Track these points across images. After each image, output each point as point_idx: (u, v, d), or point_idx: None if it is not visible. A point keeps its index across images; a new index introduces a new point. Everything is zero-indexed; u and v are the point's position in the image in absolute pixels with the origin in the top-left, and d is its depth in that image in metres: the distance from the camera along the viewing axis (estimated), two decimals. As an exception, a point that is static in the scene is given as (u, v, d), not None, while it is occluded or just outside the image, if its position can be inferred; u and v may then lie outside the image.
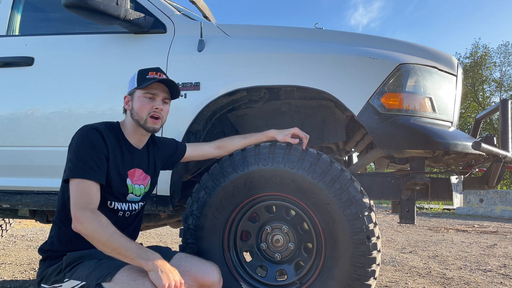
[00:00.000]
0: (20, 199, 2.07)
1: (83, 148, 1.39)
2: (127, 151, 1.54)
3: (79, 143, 1.40)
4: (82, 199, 1.32)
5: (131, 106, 1.53)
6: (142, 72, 1.52)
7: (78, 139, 1.41)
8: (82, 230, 1.30)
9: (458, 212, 10.18)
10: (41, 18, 2.45)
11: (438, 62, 1.84)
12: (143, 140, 1.61)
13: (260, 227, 1.81)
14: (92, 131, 1.43)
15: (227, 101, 1.92)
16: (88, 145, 1.39)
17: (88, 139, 1.40)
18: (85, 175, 1.35)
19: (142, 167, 1.60)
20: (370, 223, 1.62)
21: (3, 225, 3.69)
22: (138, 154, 1.59)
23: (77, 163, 1.36)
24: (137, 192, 1.58)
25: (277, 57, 1.81)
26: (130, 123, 1.54)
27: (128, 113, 1.55)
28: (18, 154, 2.07)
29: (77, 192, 1.34)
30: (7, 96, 2.11)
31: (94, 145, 1.40)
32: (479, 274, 3.12)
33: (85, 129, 1.44)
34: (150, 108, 1.50)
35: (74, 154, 1.38)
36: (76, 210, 1.31)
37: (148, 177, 1.63)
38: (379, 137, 1.68)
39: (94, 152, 1.39)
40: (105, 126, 1.49)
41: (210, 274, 1.52)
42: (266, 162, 1.70)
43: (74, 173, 1.35)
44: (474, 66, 23.67)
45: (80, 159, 1.37)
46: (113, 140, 1.49)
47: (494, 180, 1.95)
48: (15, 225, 4.66)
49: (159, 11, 2.02)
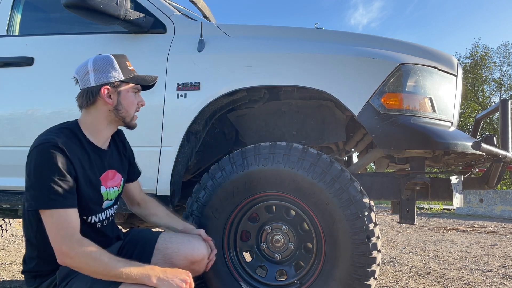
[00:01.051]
0: (20, 199, 2.07)
1: (45, 173, 1.19)
2: (95, 155, 1.38)
3: (39, 167, 1.20)
4: (62, 231, 1.19)
5: (117, 101, 1.36)
6: (120, 61, 1.39)
7: (37, 162, 1.21)
8: (73, 264, 1.19)
9: (458, 212, 10.17)
10: (41, 18, 2.45)
11: (438, 62, 1.84)
12: (109, 137, 1.46)
13: (260, 227, 1.81)
14: (51, 151, 1.21)
15: (227, 101, 1.92)
16: (51, 169, 1.20)
17: (50, 162, 1.20)
18: (56, 205, 1.19)
19: (114, 166, 1.48)
20: (370, 223, 1.62)
21: (3, 225, 3.69)
22: (107, 154, 1.45)
23: (43, 191, 1.18)
24: (112, 196, 1.46)
25: (277, 57, 1.81)
26: (104, 119, 1.38)
27: (103, 107, 1.36)
28: (18, 154, 2.06)
29: (54, 225, 1.19)
30: (7, 96, 2.10)
31: (57, 168, 1.20)
32: (479, 274, 3.12)
33: (42, 147, 1.22)
34: (136, 103, 1.43)
35: (36, 180, 1.19)
36: (60, 244, 1.18)
37: (120, 177, 1.51)
38: (379, 137, 1.68)
39: (59, 176, 1.21)
40: (64, 137, 1.28)
41: (198, 249, 1.51)
42: (266, 162, 1.70)
43: (42, 204, 1.19)
44: (474, 66, 23.67)
45: (45, 186, 1.18)
46: (76, 149, 1.30)
47: (494, 180, 1.95)
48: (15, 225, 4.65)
49: (159, 11, 2.02)
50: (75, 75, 1.38)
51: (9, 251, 3.89)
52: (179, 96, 1.85)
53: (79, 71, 1.37)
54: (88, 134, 1.38)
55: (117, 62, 1.38)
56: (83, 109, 1.39)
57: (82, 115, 1.41)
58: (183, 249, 1.49)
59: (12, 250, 3.95)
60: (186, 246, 1.51)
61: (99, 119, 1.38)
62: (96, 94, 1.35)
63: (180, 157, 1.88)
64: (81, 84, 1.36)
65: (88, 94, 1.35)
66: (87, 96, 1.35)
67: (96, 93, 1.35)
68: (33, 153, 1.23)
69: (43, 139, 1.25)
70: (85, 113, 1.39)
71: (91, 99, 1.35)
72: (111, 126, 1.43)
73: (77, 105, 1.40)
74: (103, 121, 1.39)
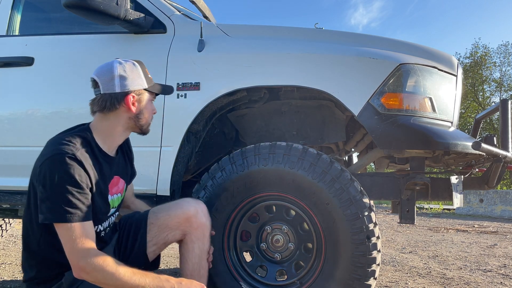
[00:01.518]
0: (20, 199, 2.07)
1: (63, 185, 1.16)
2: (105, 163, 1.36)
3: (56, 179, 1.16)
4: (79, 246, 1.17)
5: (140, 108, 1.35)
6: (143, 68, 1.38)
7: (54, 173, 1.16)
8: (89, 279, 1.18)
9: (458, 212, 10.17)
10: (41, 18, 2.44)
11: (438, 62, 1.84)
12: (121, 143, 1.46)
13: (260, 227, 1.81)
14: (69, 162, 1.17)
15: (227, 101, 1.92)
16: (69, 182, 1.17)
17: (67, 174, 1.17)
18: (74, 218, 1.16)
19: (119, 173, 1.47)
20: (370, 223, 1.62)
21: (3, 225, 3.69)
22: (115, 161, 1.43)
23: (60, 204, 1.15)
24: (115, 203, 1.46)
25: (277, 57, 1.81)
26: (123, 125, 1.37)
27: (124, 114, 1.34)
28: (18, 154, 2.07)
29: (70, 239, 1.16)
30: (7, 96, 2.10)
31: (75, 180, 1.18)
32: (479, 274, 3.12)
33: (59, 158, 1.18)
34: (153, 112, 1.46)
35: (53, 193, 1.16)
36: (77, 259, 1.17)
37: (124, 182, 1.51)
38: (379, 137, 1.68)
39: (77, 188, 1.18)
40: (79, 146, 1.25)
41: (188, 205, 1.51)
42: (266, 162, 1.70)
43: (59, 217, 1.16)
44: (474, 66, 23.66)
45: (63, 199, 1.16)
46: (91, 160, 1.27)
47: (494, 180, 1.95)
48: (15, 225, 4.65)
49: (159, 11, 2.02)
50: (96, 78, 1.33)
51: (9, 251, 3.89)
52: (179, 96, 1.85)
53: (103, 75, 1.32)
54: (100, 140, 1.35)
55: (143, 70, 1.37)
56: (99, 113, 1.35)
57: (97, 120, 1.36)
58: (173, 211, 1.50)
59: (12, 250, 3.95)
60: (175, 207, 1.51)
61: (116, 125, 1.36)
62: (121, 100, 1.31)
63: (180, 157, 1.88)
64: (103, 88, 1.31)
65: (113, 100, 1.31)
66: (111, 101, 1.31)
67: (121, 100, 1.31)
68: (49, 163, 1.18)
69: (59, 149, 1.21)
70: (101, 118, 1.35)
71: (115, 105, 1.31)
72: (126, 133, 1.42)
73: (92, 109, 1.35)
74: (119, 127, 1.37)
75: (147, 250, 1.51)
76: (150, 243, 1.51)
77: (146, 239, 1.49)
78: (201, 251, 1.50)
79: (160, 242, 1.52)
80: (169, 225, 1.49)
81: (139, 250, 1.49)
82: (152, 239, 1.50)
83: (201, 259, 1.51)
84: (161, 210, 1.54)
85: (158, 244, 1.52)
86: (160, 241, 1.51)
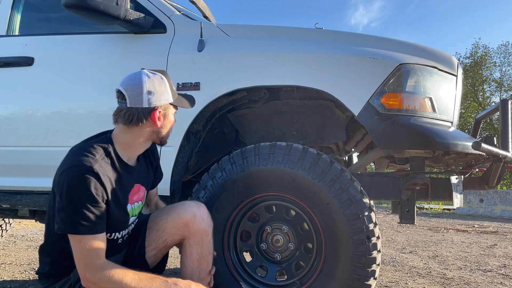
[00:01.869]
0: (20, 199, 2.07)
1: (79, 198, 1.19)
2: (125, 173, 1.37)
3: (73, 192, 1.19)
4: (87, 258, 1.21)
5: (164, 123, 1.36)
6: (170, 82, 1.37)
7: (71, 185, 1.19)
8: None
9: (458, 212, 10.17)
10: (41, 18, 2.45)
11: (438, 62, 1.84)
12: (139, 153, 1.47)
13: (260, 227, 1.81)
14: (86, 176, 1.20)
15: (227, 101, 1.92)
16: (85, 196, 1.20)
17: (84, 188, 1.19)
18: (86, 231, 1.20)
19: (140, 181, 1.48)
20: (370, 223, 1.62)
21: (3, 225, 3.69)
22: (135, 170, 1.44)
23: (74, 217, 1.19)
24: (136, 211, 1.48)
25: (277, 57, 1.81)
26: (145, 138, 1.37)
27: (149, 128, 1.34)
28: (18, 154, 2.07)
29: (80, 250, 1.21)
30: (7, 96, 2.11)
31: (91, 195, 1.20)
32: (479, 274, 3.12)
33: (77, 171, 1.20)
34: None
35: (68, 204, 1.19)
36: (84, 270, 1.21)
37: (144, 190, 1.53)
38: (379, 137, 1.68)
39: (92, 203, 1.21)
40: (99, 157, 1.26)
41: (185, 210, 1.49)
42: (266, 162, 1.70)
43: (72, 229, 1.20)
44: (474, 66, 23.66)
45: (77, 212, 1.19)
46: (109, 170, 1.29)
47: (494, 180, 1.95)
48: (15, 225, 4.65)
49: (159, 11, 2.02)
50: (123, 91, 1.30)
51: (9, 251, 3.89)
52: None
53: (130, 89, 1.30)
54: (121, 151, 1.36)
55: (170, 84, 1.36)
56: (123, 125, 1.34)
57: (120, 131, 1.36)
58: (171, 216, 1.49)
59: (12, 250, 3.95)
60: (173, 212, 1.50)
61: (138, 138, 1.36)
62: (147, 116, 1.31)
63: (180, 157, 1.88)
64: (130, 102, 1.30)
65: (140, 115, 1.30)
66: (138, 116, 1.30)
67: (147, 115, 1.31)
68: (67, 175, 1.20)
69: (79, 160, 1.22)
70: (125, 130, 1.35)
71: (142, 120, 1.31)
72: (147, 144, 1.42)
73: (116, 120, 1.35)
74: (141, 139, 1.37)
75: (147, 255, 1.51)
76: (149, 248, 1.51)
77: (144, 244, 1.50)
78: (199, 256, 1.50)
79: (160, 246, 1.51)
80: (167, 230, 1.49)
81: (138, 253, 1.50)
82: (151, 244, 1.50)
83: (200, 263, 1.50)
84: (160, 214, 1.54)
85: (158, 248, 1.52)
86: (159, 245, 1.51)
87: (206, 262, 1.52)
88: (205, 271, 1.52)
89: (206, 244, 1.51)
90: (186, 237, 1.49)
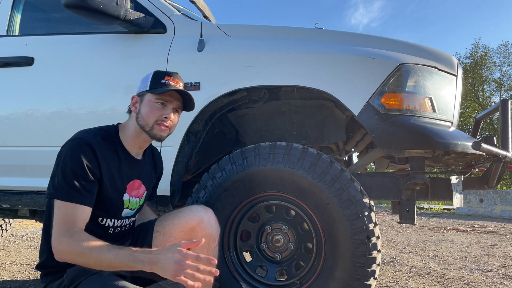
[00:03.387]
0: (20, 199, 2.07)
1: (70, 168, 1.24)
2: (126, 162, 1.41)
3: (67, 160, 1.24)
4: (64, 224, 1.21)
5: (138, 109, 1.40)
6: (158, 74, 1.41)
7: (67, 155, 1.25)
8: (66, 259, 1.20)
9: (458, 212, 10.17)
10: (41, 18, 2.45)
11: (438, 62, 1.84)
12: (143, 147, 1.50)
13: (260, 227, 1.81)
14: (84, 148, 1.26)
15: (227, 101, 1.92)
16: (77, 167, 1.24)
17: (77, 159, 1.24)
18: (71, 199, 1.22)
19: (141, 178, 1.49)
20: (370, 223, 1.62)
21: (3, 225, 3.69)
22: (138, 164, 1.47)
23: (63, 183, 1.23)
24: (132, 205, 1.47)
25: (277, 57, 1.81)
26: (134, 127, 1.42)
27: (133, 115, 1.42)
28: (18, 154, 2.07)
29: (59, 216, 1.22)
30: (7, 96, 2.11)
31: (83, 167, 1.24)
32: (479, 274, 3.12)
33: (77, 143, 1.28)
34: (159, 115, 1.39)
35: (60, 172, 1.24)
36: (55, 239, 1.20)
37: (144, 189, 1.52)
38: (379, 137, 1.68)
39: (82, 174, 1.24)
40: (100, 139, 1.33)
41: (193, 214, 1.48)
42: (266, 162, 1.70)
43: (59, 194, 1.23)
44: (474, 66, 23.65)
45: (67, 180, 1.23)
46: (108, 153, 1.34)
47: (494, 180, 1.95)
48: (15, 225, 4.65)
49: (159, 11, 2.02)
50: None
51: (9, 251, 3.89)
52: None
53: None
54: (123, 139, 1.43)
55: (153, 76, 1.41)
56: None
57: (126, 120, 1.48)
58: (177, 220, 1.48)
59: (12, 250, 3.95)
60: (180, 216, 1.49)
61: (131, 126, 1.44)
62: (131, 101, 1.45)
63: (180, 157, 1.88)
64: None
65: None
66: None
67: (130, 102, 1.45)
68: (67, 145, 1.29)
69: (80, 135, 1.31)
70: (128, 119, 1.47)
71: (129, 107, 1.46)
72: (141, 135, 1.42)
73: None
74: (133, 128, 1.43)
75: None
76: None
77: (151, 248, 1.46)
78: None
79: None
80: (174, 234, 1.47)
81: None
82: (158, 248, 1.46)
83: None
84: (167, 218, 1.53)
85: None
86: None
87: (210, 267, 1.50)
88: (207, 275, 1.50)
89: (212, 250, 1.50)
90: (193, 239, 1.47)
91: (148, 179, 1.55)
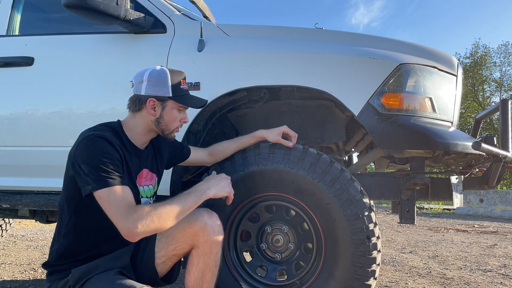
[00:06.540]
0: (20, 199, 2.07)
1: (97, 158, 1.27)
2: (134, 154, 1.46)
3: (91, 155, 1.27)
4: (122, 208, 1.24)
5: (160, 114, 1.44)
6: (174, 78, 1.44)
7: (88, 150, 1.28)
8: (144, 234, 1.25)
9: (458, 212, 10.17)
10: (41, 18, 2.44)
11: (438, 62, 1.84)
12: (149, 140, 1.54)
13: (260, 227, 1.81)
14: (99, 141, 1.30)
15: (227, 101, 1.92)
16: (102, 155, 1.28)
17: (100, 149, 1.28)
18: (114, 183, 1.26)
19: (148, 166, 1.55)
20: (370, 223, 1.62)
21: (3, 225, 3.69)
22: (144, 154, 1.52)
23: (98, 174, 1.25)
24: (148, 193, 1.54)
25: (277, 57, 1.81)
26: (146, 126, 1.46)
27: (145, 115, 1.45)
28: (18, 154, 2.07)
29: (112, 203, 1.24)
30: (7, 96, 2.11)
31: (108, 153, 1.29)
32: (479, 274, 3.12)
33: (91, 138, 1.30)
34: (179, 120, 1.49)
35: (90, 166, 1.26)
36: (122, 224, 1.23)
37: (154, 176, 1.58)
38: (379, 137, 1.68)
39: (110, 160, 1.29)
40: (110, 133, 1.37)
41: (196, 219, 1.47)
42: (266, 162, 1.70)
43: (101, 184, 1.24)
44: (474, 66, 23.66)
45: (100, 170, 1.26)
46: (120, 146, 1.38)
47: (494, 180, 1.95)
48: (15, 225, 4.65)
49: (159, 11, 2.02)
50: (132, 80, 1.47)
51: (9, 251, 3.89)
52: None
53: (136, 78, 1.45)
54: (129, 135, 1.46)
55: (170, 78, 1.43)
56: (129, 111, 1.49)
57: (128, 116, 1.49)
58: (181, 223, 1.46)
59: (12, 250, 3.95)
60: (182, 220, 1.47)
61: (141, 124, 1.47)
62: (143, 103, 1.43)
63: (180, 157, 1.87)
64: (134, 89, 1.46)
65: (136, 101, 1.44)
66: (135, 102, 1.45)
67: (143, 102, 1.43)
68: (84, 143, 1.29)
69: (92, 133, 1.33)
70: (131, 115, 1.48)
71: (138, 106, 1.45)
72: (150, 133, 1.51)
73: (127, 106, 1.49)
74: (144, 127, 1.47)
75: (156, 261, 1.47)
76: (158, 254, 1.47)
77: (154, 250, 1.47)
78: (205, 266, 1.47)
79: (170, 254, 1.48)
80: (176, 238, 1.47)
81: (147, 260, 1.47)
82: (161, 250, 1.47)
83: (205, 273, 1.47)
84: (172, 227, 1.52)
85: (167, 256, 1.48)
86: (169, 252, 1.48)
87: (211, 273, 1.49)
88: (208, 281, 1.49)
89: (214, 256, 1.48)
90: (195, 246, 1.46)
91: (156, 166, 1.60)
